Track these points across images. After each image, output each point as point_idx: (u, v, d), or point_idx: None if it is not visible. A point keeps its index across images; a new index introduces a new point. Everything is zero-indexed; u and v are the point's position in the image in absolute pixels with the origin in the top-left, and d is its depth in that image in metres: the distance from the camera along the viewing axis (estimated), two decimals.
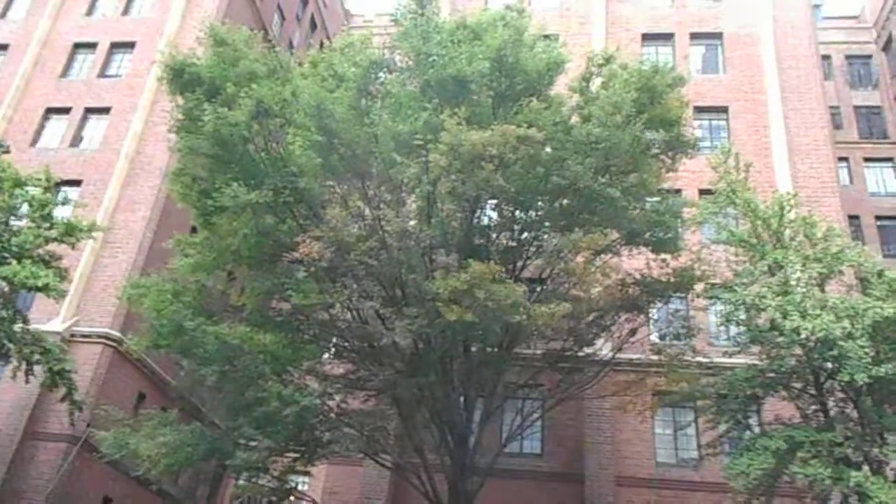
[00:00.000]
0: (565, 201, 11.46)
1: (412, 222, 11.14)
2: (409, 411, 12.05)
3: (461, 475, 11.70)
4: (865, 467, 10.08)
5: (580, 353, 12.76)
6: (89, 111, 20.47)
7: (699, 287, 12.44)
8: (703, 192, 15.66)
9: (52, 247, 14.05)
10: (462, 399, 12.17)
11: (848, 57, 30.09)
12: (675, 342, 13.20)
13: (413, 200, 11.70)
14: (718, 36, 19.62)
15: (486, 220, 12.26)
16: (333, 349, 12.87)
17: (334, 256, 10.41)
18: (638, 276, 12.31)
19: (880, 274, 10.86)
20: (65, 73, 21.42)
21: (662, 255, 12.39)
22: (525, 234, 12.02)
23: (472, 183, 10.39)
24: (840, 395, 11.04)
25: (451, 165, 10.21)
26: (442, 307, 9.60)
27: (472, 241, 11.59)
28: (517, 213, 11.86)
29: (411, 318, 10.15)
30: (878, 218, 26.03)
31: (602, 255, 11.68)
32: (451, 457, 11.85)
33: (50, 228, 14.05)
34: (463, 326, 9.94)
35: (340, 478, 15.01)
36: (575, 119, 11.76)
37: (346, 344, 12.41)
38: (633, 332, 12.70)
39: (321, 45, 22.90)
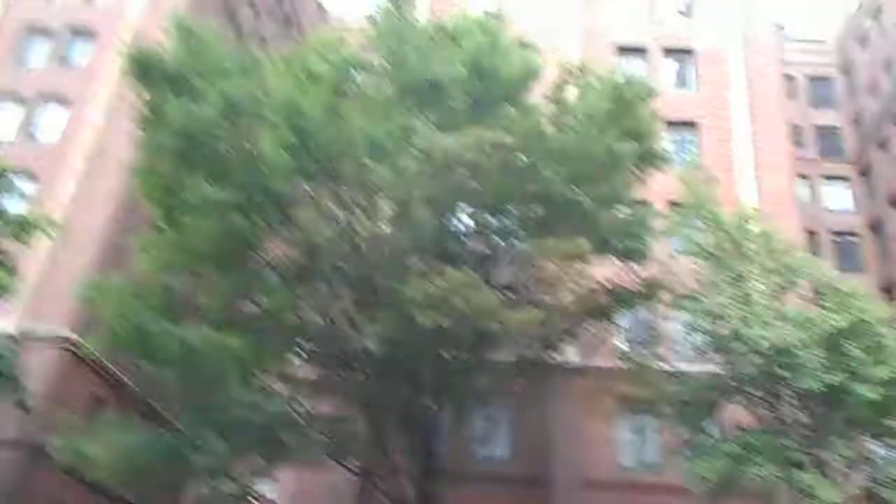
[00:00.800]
0: (539, 210, 11.56)
1: (385, 227, 11.03)
2: (377, 415, 11.92)
3: (429, 479, 11.65)
4: (814, 469, 10.53)
5: (549, 360, 12.88)
6: (46, 101, 19.52)
7: (666, 296, 12.74)
8: (672, 203, 16.03)
9: (4, 244, 13.34)
10: (432, 404, 12.12)
11: (811, 78, 31.41)
12: (641, 350, 13.46)
13: (387, 204, 11.59)
14: (690, 52, 20.17)
15: (461, 227, 12.25)
16: (303, 353, 12.62)
17: (304, 259, 10.21)
18: (607, 285, 12.51)
19: (833, 287, 11.35)
20: (19, 60, 20.37)
21: (631, 265, 12.63)
22: (498, 241, 12.05)
23: (445, 187, 10.36)
24: (794, 402, 11.48)
25: (423, 170, 10.16)
26: (415, 311, 9.53)
27: (445, 247, 11.56)
28: (491, 219, 11.89)
29: (382, 323, 10.04)
30: (834, 233, 27.24)
31: (573, 263, 11.83)
32: (420, 461, 11.78)
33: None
34: (435, 332, 9.89)
35: (307, 482, 14.75)
36: (549, 129, 11.87)
37: (317, 349, 12.19)
38: (601, 339, 12.89)
39: (295, 41, 22.47)
